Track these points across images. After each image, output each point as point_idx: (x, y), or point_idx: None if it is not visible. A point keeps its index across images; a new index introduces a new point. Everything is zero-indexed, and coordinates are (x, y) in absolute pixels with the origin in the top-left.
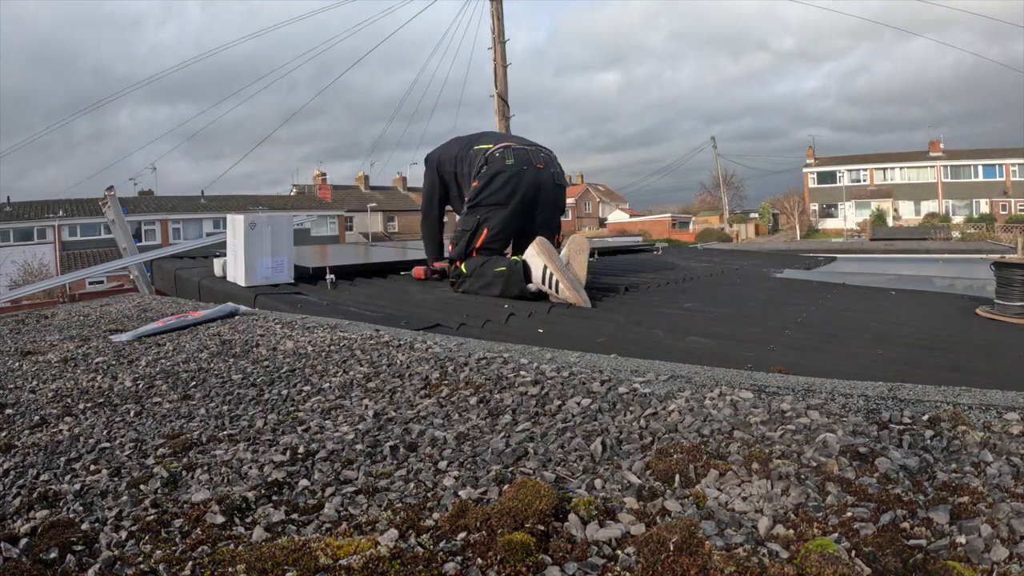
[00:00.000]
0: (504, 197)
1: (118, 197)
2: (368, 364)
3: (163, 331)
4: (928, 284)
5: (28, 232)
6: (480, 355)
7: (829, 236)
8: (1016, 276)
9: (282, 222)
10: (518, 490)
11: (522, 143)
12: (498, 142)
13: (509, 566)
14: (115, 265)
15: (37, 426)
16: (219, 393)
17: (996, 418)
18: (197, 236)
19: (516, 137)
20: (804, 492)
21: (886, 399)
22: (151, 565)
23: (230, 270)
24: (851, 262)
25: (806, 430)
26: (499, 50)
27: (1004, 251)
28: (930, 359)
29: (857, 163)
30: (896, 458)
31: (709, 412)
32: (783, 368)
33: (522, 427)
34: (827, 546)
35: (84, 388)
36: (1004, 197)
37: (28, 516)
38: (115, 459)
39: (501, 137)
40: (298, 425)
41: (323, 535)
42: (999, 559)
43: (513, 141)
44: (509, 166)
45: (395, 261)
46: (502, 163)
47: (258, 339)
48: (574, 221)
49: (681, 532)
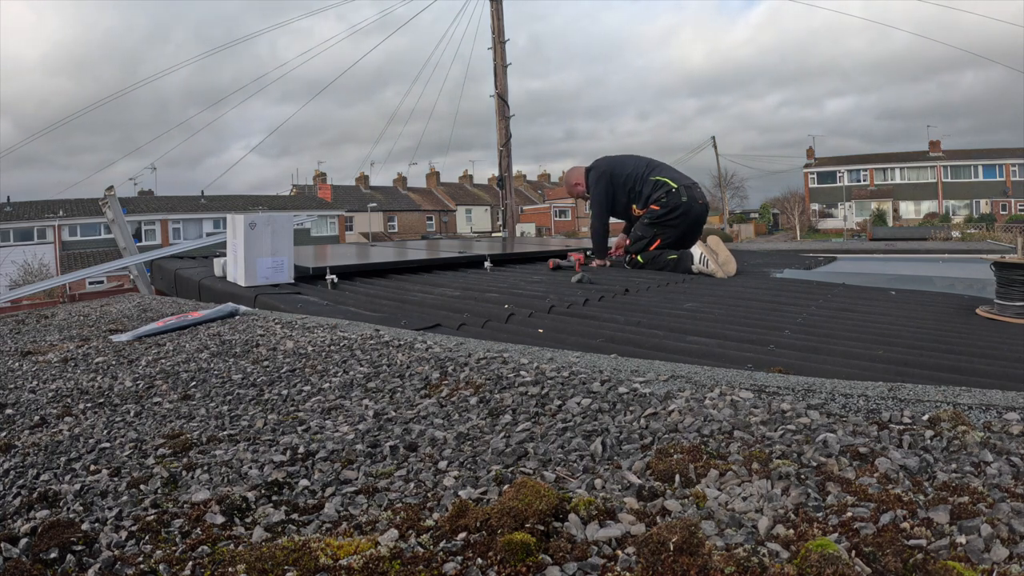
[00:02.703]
0: (677, 222)
1: (118, 197)
2: (368, 364)
3: (163, 331)
4: (928, 284)
5: (28, 232)
6: (480, 355)
7: (829, 236)
8: (1016, 276)
9: (282, 222)
10: (518, 490)
11: (690, 181)
12: (675, 180)
13: (509, 566)
14: (115, 265)
15: (37, 426)
16: (219, 393)
17: (996, 418)
18: (197, 236)
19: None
20: (804, 492)
21: (886, 399)
22: (151, 565)
23: (230, 270)
24: (851, 262)
25: (806, 430)
26: (499, 50)
27: (1004, 251)
28: (930, 359)
29: (857, 163)
30: (896, 458)
31: (709, 412)
32: (783, 368)
33: (522, 427)
34: (827, 546)
35: (84, 388)
36: (1004, 197)
37: (28, 516)
38: (115, 459)
39: (675, 173)
40: (298, 425)
41: (323, 535)
42: (999, 559)
43: (683, 179)
44: (684, 203)
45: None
46: (679, 199)
47: (258, 339)
48: (573, 221)
49: (681, 532)
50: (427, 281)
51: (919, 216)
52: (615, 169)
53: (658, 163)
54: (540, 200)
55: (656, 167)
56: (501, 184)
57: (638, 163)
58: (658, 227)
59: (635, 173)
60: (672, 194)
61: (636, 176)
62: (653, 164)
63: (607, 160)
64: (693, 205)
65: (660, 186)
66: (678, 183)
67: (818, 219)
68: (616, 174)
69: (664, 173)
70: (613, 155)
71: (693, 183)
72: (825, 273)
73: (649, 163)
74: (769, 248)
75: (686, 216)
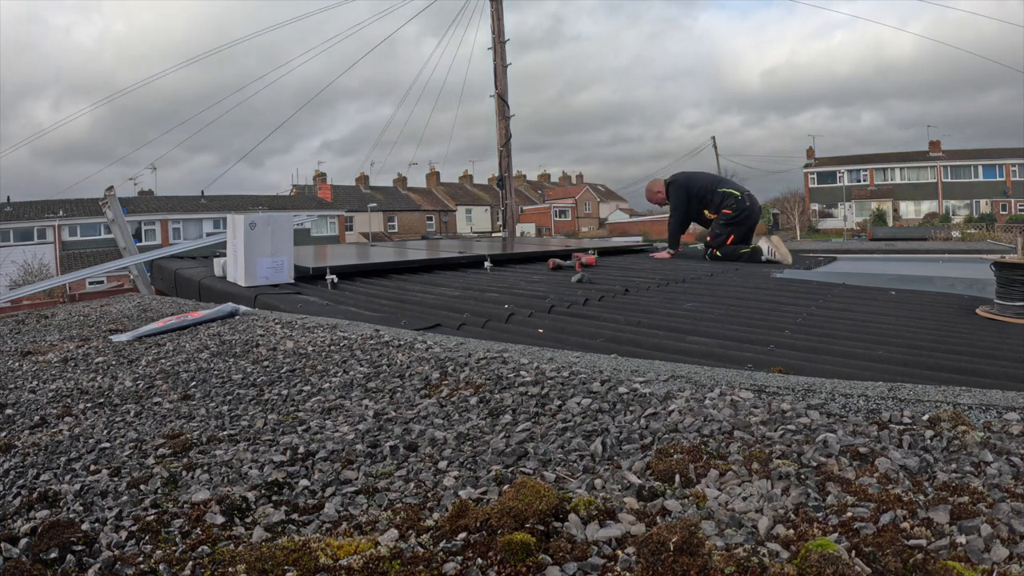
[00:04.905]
0: (745, 221)
1: (118, 197)
2: (368, 364)
3: (163, 331)
4: (928, 284)
5: (28, 232)
6: (480, 355)
7: (829, 236)
8: (1016, 276)
9: (282, 222)
10: (518, 490)
11: (748, 190)
12: (738, 189)
13: (509, 566)
14: (115, 265)
15: (37, 426)
16: (219, 393)
17: (996, 418)
18: (197, 236)
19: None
20: (804, 492)
21: (886, 399)
22: (151, 565)
23: (230, 270)
24: (851, 262)
25: (806, 430)
26: (499, 50)
27: (1004, 251)
28: (930, 359)
29: (857, 163)
30: (896, 458)
31: (709, 412)
32: (783, 368)
33: (522, 427)
34: (827, 546)
35: (84, 388)
36: (1004, 197)
37: (28, 516)
38: (115, 459)
39: (736, 185)
40: (298, 425)
41: (323, 535)
42: (999, 559)
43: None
44: (748, 207)
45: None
46: (744, 204)
47: (258, 339)
48: (574, 221)
49: (681, 532)
50: (427, 281)
51: (919, 216)
52: (691, 182)
53: (721, 177)
54: (540, 200)
55: (720, 181)
56: (501, 184)
57: (707, 177)
58: (732, 226)
59: (706, 185)
60: (739, 200)
61: (707, 188)
62: (718, 178)
63: (684, 175)
64: (754, 208)
65: (728, 195)
66: (741, 192)
67: (818, 219)
68: (691, 186)
69: (729, 185)
70: (688, 171)
71: (750, 192)
72: (825, 273)
73: (715, 177)
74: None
75: (750, 216)
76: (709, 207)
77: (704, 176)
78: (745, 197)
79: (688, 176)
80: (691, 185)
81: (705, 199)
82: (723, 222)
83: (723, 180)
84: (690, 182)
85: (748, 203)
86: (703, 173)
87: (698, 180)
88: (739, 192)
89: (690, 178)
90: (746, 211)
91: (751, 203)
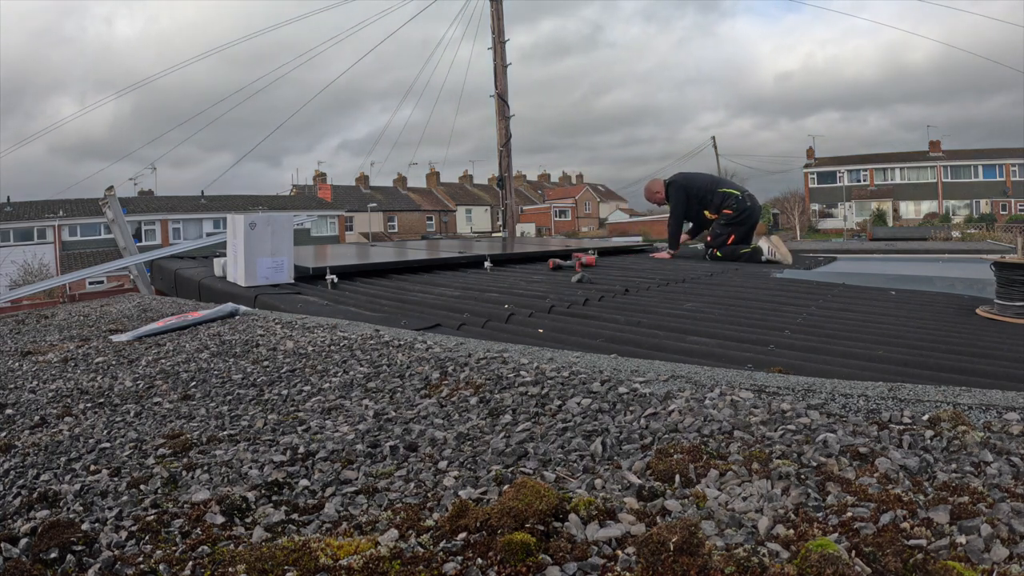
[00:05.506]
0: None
1: (118, 197)
2: (368, 364)
3: (163, 331)
4: (928, 284)
5: (28, 232)
6: (480, 355)
7: (829, 236)
8: (1016, 276)
9: (282, 222)
10: (518, 490)
11: (747, 190)
12: (738, 189)
13: (509, 566)
14: (115, 265)
15: (37, 426)
16: (219, 393)
17: (996, 418)
18: (197, 236)
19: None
20: (804, 492)
21: (886, 399)
22: (151, 565)
23: (230, 270)
24: (851, 262)
25: (806, 430)
26: (499, 50)
27: (1004, 251)
28: (930, 359)
29: (857, 163)
30: (896, 458)
31: (709, 412)
32: (783, 368)
33: (522, 427)
34: (827, 546)
35: (84, 388)
36: (1004, 197)
37: (28, 516)
38: (115, 459)
39: (736, 185)
40: (298, 425)
41: (323, 535)
42: (999, 559)
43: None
44: (748, 207)
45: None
46: (745, 204)
47: (258, 339)
48: (574, 221)
49: (681, 532)
50: (427, 281)
51: (919, 216)
52: (690, 183)
53: (720, 178)
54: (540, 200)
55: (720, 181)
56: (501, 184)
57: (706, 178)
58: (732, 226)
59: (705, 186)
60: (740, 200)
61: (706, 188)
62: (717, 179)
63: (683, 175)
64: (754, 208)
65: (729, 195)
66: (741, 192)
67: (818, 219)
68: (691, 187)
69: (728, 185)
70: (687, 172)
71: (750, 192)
72: (825, 273)
73: (714, 178)
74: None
75: (751, 216)
76: (709, 207)
77: (703, 176)
78: (746, 197)
79: (687, 176)
80: (690, 185)
81: (705, 199)
82: (724, 222)
83: (722, 180)
84: (689, 182)
85: (749, 203)
86: (702, 174)
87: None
88: (739, 192)
89: (689, 178)
90: (747, 211)
91: (752, 203)
